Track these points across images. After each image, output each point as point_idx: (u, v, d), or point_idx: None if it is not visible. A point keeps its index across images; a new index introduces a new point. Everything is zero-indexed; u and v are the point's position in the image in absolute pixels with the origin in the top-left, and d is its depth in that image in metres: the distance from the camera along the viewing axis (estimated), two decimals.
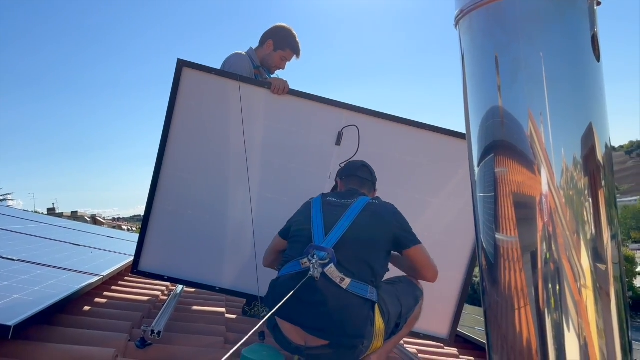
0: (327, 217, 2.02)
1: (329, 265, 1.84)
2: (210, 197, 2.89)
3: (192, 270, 2.90)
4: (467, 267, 3.02)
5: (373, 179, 2.35)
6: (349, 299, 1.82)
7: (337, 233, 1.94)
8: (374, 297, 1.87)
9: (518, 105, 0.87)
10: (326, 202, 2.11)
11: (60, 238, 3.75)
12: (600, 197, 0.83)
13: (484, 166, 0.91)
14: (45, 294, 1.89)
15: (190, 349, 2.07)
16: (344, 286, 1.82)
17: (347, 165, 2.41)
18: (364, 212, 2.01)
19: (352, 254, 1.90)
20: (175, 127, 2.83)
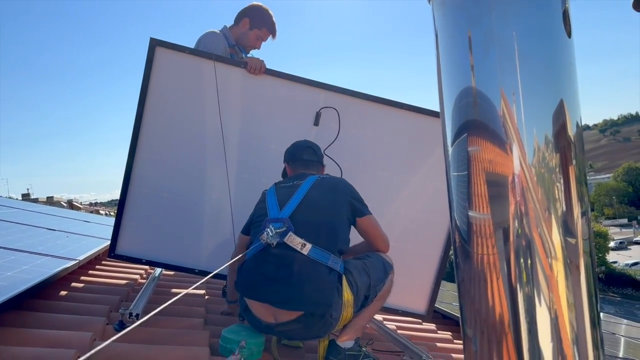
0: (281, 197, 2.07)
1: (288, 233, 1.86)
2: (187, 179, 2.86)
3: (170, 253, 2.88)
4: (444, 244, 3.07)
5: (318, 157, 2.38)
6: (312, 266, 1.85)
7: (292, 205, 1.98)
8: (338, 267, 1.90)
9: (490, 85, 0.87)
10: (279, 187, 2.17)
11: (34, 223, 3.68)
12: (571, 175, 0.84)
13: (457, 146, 0.91)
14: (19, 279, 1.86)
15: (169, 331, 2.06)
16: (305, 252, 1.85)
17: (292, 147, 2.42)
18: (315, 187, 2.07)
19: (310, 222, 1.94)
20: (149, 108, 2.77)
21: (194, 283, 3.28)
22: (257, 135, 2.89)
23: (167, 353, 1.80)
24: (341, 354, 1.94)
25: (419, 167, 3.00)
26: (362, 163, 2.95)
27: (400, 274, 2.32)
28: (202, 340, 2.03)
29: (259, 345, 1.92)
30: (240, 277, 1.96)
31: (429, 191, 3.02)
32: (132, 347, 1.79)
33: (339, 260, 1.92)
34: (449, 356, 2.69)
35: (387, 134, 2.96)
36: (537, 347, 0.78)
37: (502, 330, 0.81)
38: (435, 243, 3.06)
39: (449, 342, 3.15)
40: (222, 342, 1.93)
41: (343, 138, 2.88)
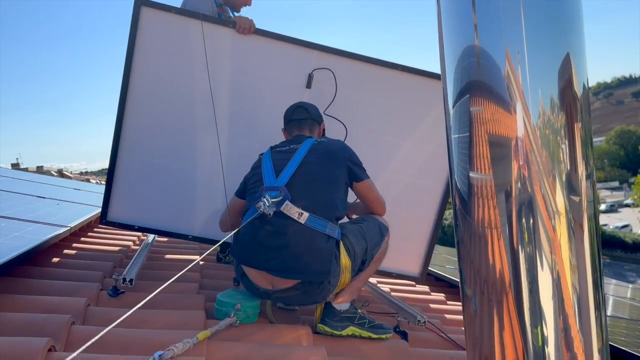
0: (277, 163, 2.02)
1: (284, 203, 1.84)
2: (177, 144, 2.80)
3: (163, 219, 2.86)
4: (438, 208, 3.06)
5: (311, 115, 2.29)
6: (310, 235, 1.83)
7: (288, 172, 1.94)
8: (336, 234, 1.89)
9: (495, 44, 0.84)
10: (275, 151, 2.12)
11: (24, 191, 3.63)
12: (577, 136, 0.82)
13: (459, 107, 0.88)
14: (10, 246, 1.83)
15: (164, 296, 2.05)
16: (303, 221, 1.82)
17: (285, 113, 2.36)
18: (312, 151, 2.02)
19: (307, 189, 1.91)
20: (136, 71, 2.69)
21: (187, 249, 3.28)
22: (247, 98, 2.83)
23: (163, 317, 1.80)
24: (337, 316, 1.95)
25: (414, 130, 2.96)
26: (355, 126, 2.90)
27: (394, 237, 2.32)
28: (197, 304, 2.03)
29: (255, 308, 1.93)
30: (237, 244, 1.94)
31: (424, 155, 2.99)
32: (127, 311, 1.78)
33: (336, 227, 1.91)
34: (442, 317, 2.72)
35: (381, 96, 2.90)
36: (538, 307, 0.77)
37: (503, 290, 0.80)
38: (429, 207, 3.05)
39: (442, 303, 3.20)
40: (217, 305, 1.93)
41: (335, 100, 2.82)
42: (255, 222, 1.87)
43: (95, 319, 1.70)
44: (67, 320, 1.50)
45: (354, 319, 1.97)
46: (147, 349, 1.52)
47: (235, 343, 1.68)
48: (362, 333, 1.96)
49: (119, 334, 1.56)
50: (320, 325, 1.94)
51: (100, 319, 1.71)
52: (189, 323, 1.79)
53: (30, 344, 1.27)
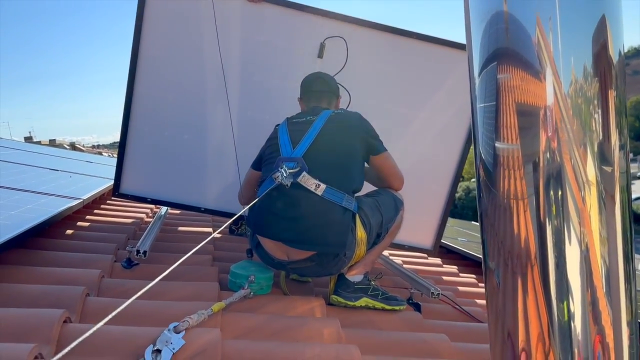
0: (293, 134, 1.99)
1: (301, 174, 1.81)
2: (188, 116, 2.77)
3: (175, 192, 2.85)
4: (452, 181, 3.03)
5: (331, 88, 2.24)
6: (326, 207, 1.81)
7: (305, 144, 1.91)
8: (352, 207, 1.87)
9: (525, 10, 0.79)
10: (291, 122, 2.08)
11: (36, 164, 3.64)
12: (611, 105, 0.78)
13: (485, 75, 0.84)
14: (24, 218, 1.83)
15: (178, 268, 2.06)
16: (320, 192, 1.80)
17: (303, 81, 2.31)
18: (329, 123, 1.98)
19: (324, 161, 1.88)
20: (145, 42, 2.64)
21: (199, 221, 3.29)
22: (258, 69, 2.77)
23: (177, 289, 1.80)
24: (350, 287, 1.94)
25: (428, 100, 2.89)
26: (368, 97, 2.84)
27: (407, 210, 2.29)
28: (210, 276, 2.04)
29: (268, 280, 1.93)
30: (253, 215, 1.92)
31: (438, 126, 2.94)
32: (141, 283, 1.79)
33: (352, 199, 1.89)
34: (455, 289, 2.72)
35: (395, 66, 2.83)
36: (565, 280, 0.75)
37: (528, 262, 0.77)
38: (442, 179, 3.02)
39: (455, 275, 3.19)
40: (231, 277, 1.93)
41: (348, 70, 2.76)
42: (271, 193, 1.85)
43: (109, 290, 1.71)
44: (82, 291, 1.51)
45: (368, 290, 1.97)
46: (161, 321, 1.52)
47: (249, 314, 1.68)
48: (375, 304, 1.96)
49: (133, 305, 1.54)
50: (334, 297, 1.93)
51: (115, 290, 1.72)
52: (203, 295, 1.79)
53: (46, 315, 1.28)
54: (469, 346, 1.81)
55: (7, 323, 1.23)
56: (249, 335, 1.56)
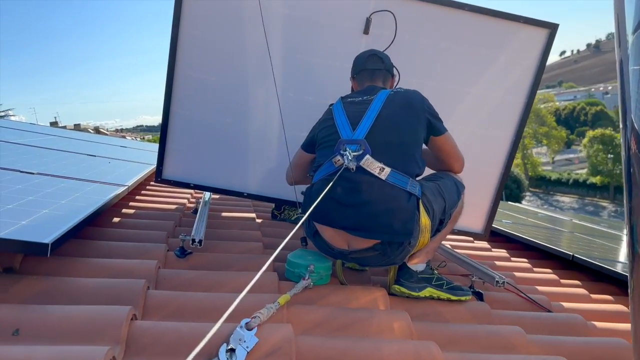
0: (351, 115, 1.85)
1: (364, 157, 1.70)
2: (230, 98, 2.67)
3: (218, 177, 2.77)
4: (505, 161, 2.88)
5: (386, 65, 2.10)
6: (391, 192, 1.69)
7: (365, 125, 1.78)
8: (416, 191, 1.75)
9: None
10: (347, 102, 1.93)
11: (74, 149, 3.61)
12: None
13: None
14: (74, 207, 1.77)
15: (230, 256, 1.99)
16: (384, 177, 1.69)
17: (355, 59, 2.17)
18: (389, 103, 1.84)
19: (387, 143, 1.76)
20: (185, 22, 2.54)
21: (240, 206, 3.22)
22: (300, 48, 2.65)
23: (235, 278, 1.73)
24: (413, 277, 1.84)
25: (480, 76, 2.73)
26: (416, 74, 2.70)
27: None
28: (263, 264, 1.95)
29: (327, 270, 1.83)
30: (310, 201, 1.81)
31: (491, 103, 2.78)
32: (199, 273, 1.72)
33: (416, 184, 1.77)
34: (511, 274, 2.59)
35: (445, 40, 2.67)
36: None
37: None
38: (495, 159, 2.87)
39: (506, 259, 3.06)
40: (288, 266, 1.85)
41: (395, 46, 2.61)
42: (330, 178, 1.75)
43: (167, 282, 1.64)
44: (143, 285, 1.44)
45: (431, 280, 1.86)
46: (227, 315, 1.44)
47: (314, 307, 1.59)
48: (440, 295, 1.85)
49: (194, 298, 1.49)
50: (397, 287, 1.83)
51: (172, 282, 1.65)
52: (262, 285, 1.71)
53: (113, 313, 1.21)
54: (544, 339, 1.69)
55: (74, 323, 1.16)
56: (317, 329, 1.48)
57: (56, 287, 1.38)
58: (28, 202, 1.74)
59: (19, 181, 2.07)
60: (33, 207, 1.67)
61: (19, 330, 1.14)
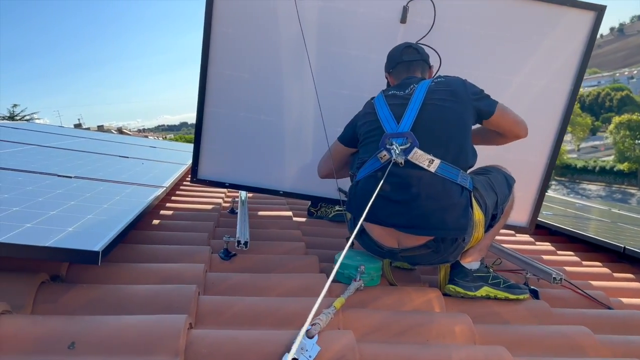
0: (393, 108, 1.76)
1: (412, 150, 1.61)
2: (264, 95, 2.61)
3: (253, 175, 2.72)
4: (550, 151, 2.76)
5: (422, 56, 2.01)
6: (443, 185, 1.60)
7: (409, 117, 1.69)
8: (468, 184, 1.66)
9: None
10: (388, 95, 1.84)
11: (106, 151, 3.60)
12: None
13: None
14: (117, 211, 1.73)
15: (274, 257, 1.93)
16: (433, 169, 1.60)
17: (388, 55, 2.08)
18: (431, 93, 1.74)
19: (433, 135, 1.66)
20: (217, 21, 2.48)
21: (277, 204, 3.16)
22: (335, 39, 2.57)
23: (283, 282, 1.66)
24: (468, 276, 1.75)
25: (523, 64, 2.62)
26: (456, 63, 2.59)
27: None
28: (311, 266, 1.89)
29: (378, 270, 1.76)
30: (356, 199, 1.74)
31: (534, 91, 2.66)
32: (246, 276, 1.66)
33: (467, 176, 1.68)
34: (561, 269, 2.48)
35: (485, 27, 2.56)
36: None
37: None
38: (540, 149, 2.75)
39: (552, 253, 2.95)
40: None
41: (433, 34, 2.51)
42: (376, 175, 1.67)
43: (215, 286, 1.59)
44: (195, 291, 1.38)
45: (488, 279, 1.77)
46: (280, 320, 1.39)
47: (369, 311, 1.52)
48: (497, 294, 1.76)
49: (247, 304, 1.43)
50: (451, 287, 1.75)
51: (221, 286, 1.59)
52: (311, 288, 1.65)
53: (169, 323, 1.15)
54: (613, 339, 1.59)
55: (130, 334, 1.11)
56: (376, 335, 1.41)
57: (106, 296, 1.33)
58: (71, 207, 1.70)
59: (58, 186, 2.04)
60: (76, 212, 1.64)
61: (75, 344, 1.09)
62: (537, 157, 2.76)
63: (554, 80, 2.64)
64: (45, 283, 1.37)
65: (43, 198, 1.77)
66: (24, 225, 1.38)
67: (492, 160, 2.57)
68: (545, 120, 2.71)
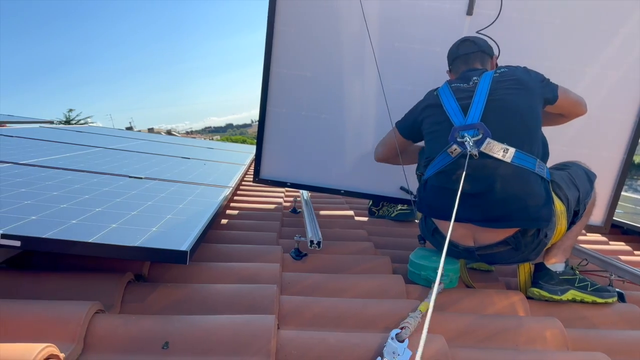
0: (460, 101, 1.68)
1: (485, 140, 1.54)
2: (326, 94, 2.59)
3: (314, 174, 2.70)
4: (628, 146, 2.60)
5: (481, 47, 1.92)
6: (520, 174, 1.52)
7: (477, 108, 1.61)
8: (545, 174, 1.57)
9: None
10: (453, 87, 1.76)
11: (167, 153, 3.68)
12: None
13: None
14: (194, 211, 1.75)
15: (345, 257, 1.90)
16: (509, 159, 1.52)
17: (447, 54, 2.03)
18: (496, 83, 1.67)
19: (504, 125, 1.58)
20: (279, 20, 2.48)
21: (335, 204, 3.14)
22: (399, 34, 2.51)
23: (359, 283, 1.63)
24: (554, 279, 1.66)
25: (598, 54, 2.48)
26: (525, 53, 2.48)
27: None
28: (384, 266, 1.85)
29: (456, 272, 1.70)
30: (427, 197, 1.69)
31: (610, 83, 2.52)
32: (320, 277, 1.64)
33: (544, 165, 1.59)
34: None
35: (556, 17, 2.44)
36: None
37: None
38: (616, 144, 2.60)
39: (629, 253, 2.79)
40: (412, 268, 1.73)
41: (502, 23, 2.42)
42: (448, 169, 1.61)
43: (291, 286, 1.58)
44: (276, 291, 1.37)
45: (574, 282, 1.68)
46: (363, 322, 1.36)
47: (453, 314, 1.47)
48: (584, 297, 1.67)
49: (327, 305, 1.40)
50: (535, 290, 1.67)
51: (297, 286, 1.58)
52: (389, 289, 1.61)
53: (258, 323, 1.14)
54: None
55: (220, 335, 1.11)
56: (463, 339, 1.35)
57: (191, 296, 1.34)
58: (148, 207, 1.73)
59: (131, 186, 2.09)
60: (155, 212, 1.66)
61: (168, 344, 1.10)
62: (612, 152, 2.62)
63: (630, 72, 2.49)
64: (131, 283, 1.39)
65: (121, 199, 1.81)
66: (110, 226, 1.41)
67: (565, 155, 2.46)
68: (621, 113, 2.56)
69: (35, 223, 1.33)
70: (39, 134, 3.79)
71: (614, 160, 2.64)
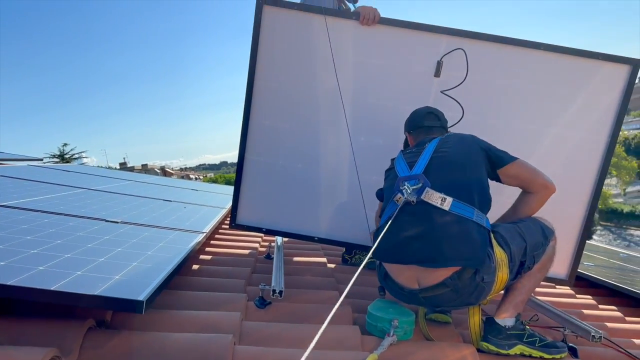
0: (409, 159, 1.92)
1: (424, 190, 1.71)
2: (301, 144, 2.72)
3: (289, 221, 2.80)
4: (589, 202, 2.72)
5: (442, 123, 2.16)
6: (457, 221, 1.66)
7: (422, 162, 1.82)
8: (484, 223, 1.70)
9: None
10: (406, 153, 2.00)
11: (150, 195, 3.76)
12: None
13: None
14: (161, 258, 1.82)
15: (309, 306, 1.97)
16: (447, 207, 1.67)
17: (411, 116, 2.23)
18: (442, 143, 1.89)
19: (445, 176, 1.77)
20: (260, 71, 2.63)
21: (311, 250, 3.21)
22: (372, 91, 2.67)
23: (316, 333, 1.69)
24: (502, 333, 1.74)
25: (559, 115, 2.64)
26: (491, 115, 2.64)
27: None
28: (345, 316, 1.91)
29: (411, 324, 1.76)
30: (379, 243, 1.79)
31: (571, 142, 2.66)
32: (281, 326, 1.70)
33: (483, 215, 1.72)
34: (602, 325, 2.40)
35: (519, 80, 2.61)
36: None
37: None
38: (577, 201, 2.72)
39: (594, 308, 2.85)
40: (370, 320, 1.79)
41: (467, 87, 2.58)
42: (393, 217, 1.75)
43: (250, 336, 1.63)
44: (230, 341, 1.44)
45: (523, 337, 1.75)
46: None
47: None
48: (532, 352, 1.74)
49: (281, 356, 1.46)
50: (484, 344, 1.74)
51: (256, 335, 1.63)
52: (344, 340, 1.67)
53: None
54: None
55: None
56: None
57: (149, 344, 1.40)
58: (117, 254, 1.80)
59: (106, 231, 2.16)
60: (123, 259, 1.73)
61: None
62: (575, 207, 2.73)
63: (591, 132, 2.64)
64: (92, 329, 1.45)
65: (92, 244, 1.88)
66: (75, 273, 1.48)
67: None
68: (582, 171, 2.69)
69: (2, 269, 1.40)
70: (25, 173, 3.87)
71: (576, 216, 2.75)
